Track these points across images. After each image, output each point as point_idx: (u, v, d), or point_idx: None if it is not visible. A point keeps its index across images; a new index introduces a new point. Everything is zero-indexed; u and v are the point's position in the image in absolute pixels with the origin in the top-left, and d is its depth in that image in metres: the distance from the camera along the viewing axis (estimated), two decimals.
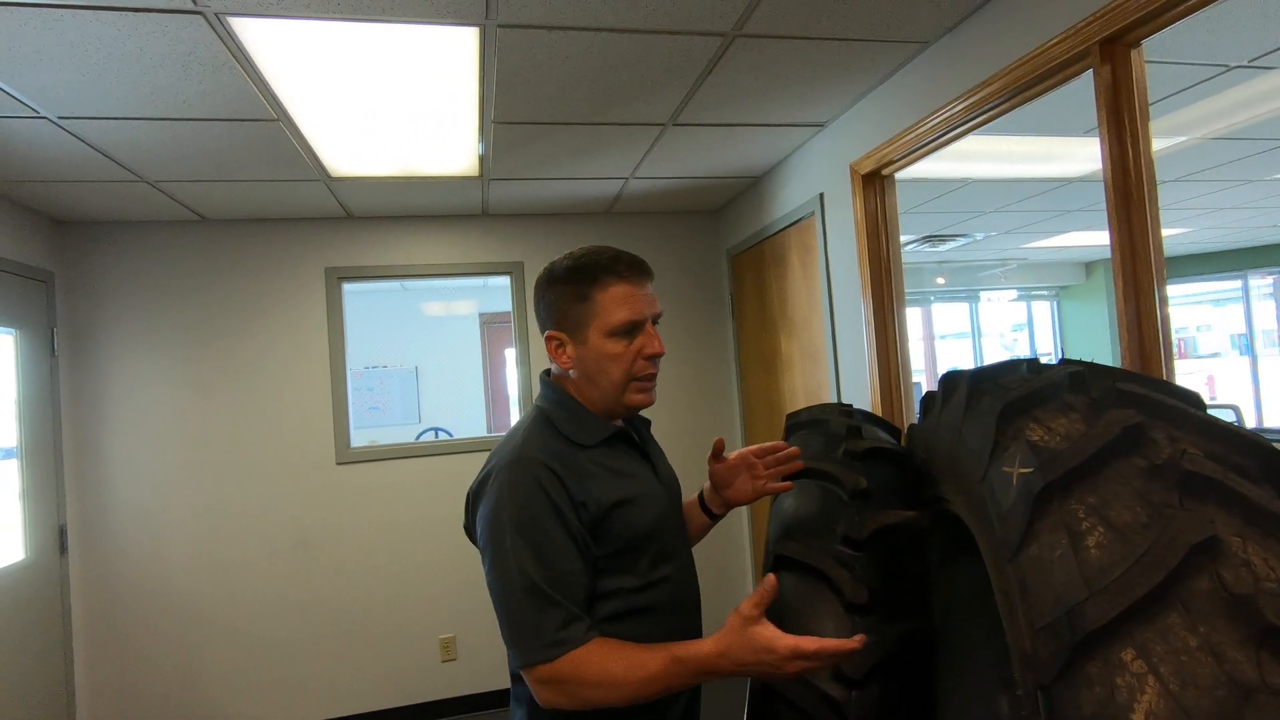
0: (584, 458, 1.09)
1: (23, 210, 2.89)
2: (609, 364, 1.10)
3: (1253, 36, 2.00)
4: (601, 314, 1.09)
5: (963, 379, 1.08)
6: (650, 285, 1.13)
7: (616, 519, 1.07)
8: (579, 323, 1.10)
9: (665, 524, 1.16)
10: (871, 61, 2.12)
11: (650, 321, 1.12)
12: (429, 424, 5.98)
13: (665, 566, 1.12)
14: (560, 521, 1.02)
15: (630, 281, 1.10)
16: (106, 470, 3.15)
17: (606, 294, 1.09)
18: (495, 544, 1.02)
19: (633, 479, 1.13)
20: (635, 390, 1.12)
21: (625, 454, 1.16)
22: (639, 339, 1.10)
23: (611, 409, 1.14)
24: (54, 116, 2.08)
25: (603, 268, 1.09)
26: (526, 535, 1.01)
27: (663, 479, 1.21)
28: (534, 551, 1.00)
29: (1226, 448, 0.74)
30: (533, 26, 1.77)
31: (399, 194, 3.12)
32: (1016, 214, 4.46)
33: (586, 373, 1.12)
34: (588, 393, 1.14)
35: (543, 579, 0.99)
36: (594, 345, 1.10)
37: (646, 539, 1.10)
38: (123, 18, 1.59)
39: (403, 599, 3.40)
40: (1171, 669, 0.58)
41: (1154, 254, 1.46)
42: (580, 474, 1.06)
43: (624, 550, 1.08)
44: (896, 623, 1.02)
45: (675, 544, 1.18)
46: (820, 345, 2.85)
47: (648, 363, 1.11)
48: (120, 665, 3.12)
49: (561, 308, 1.12)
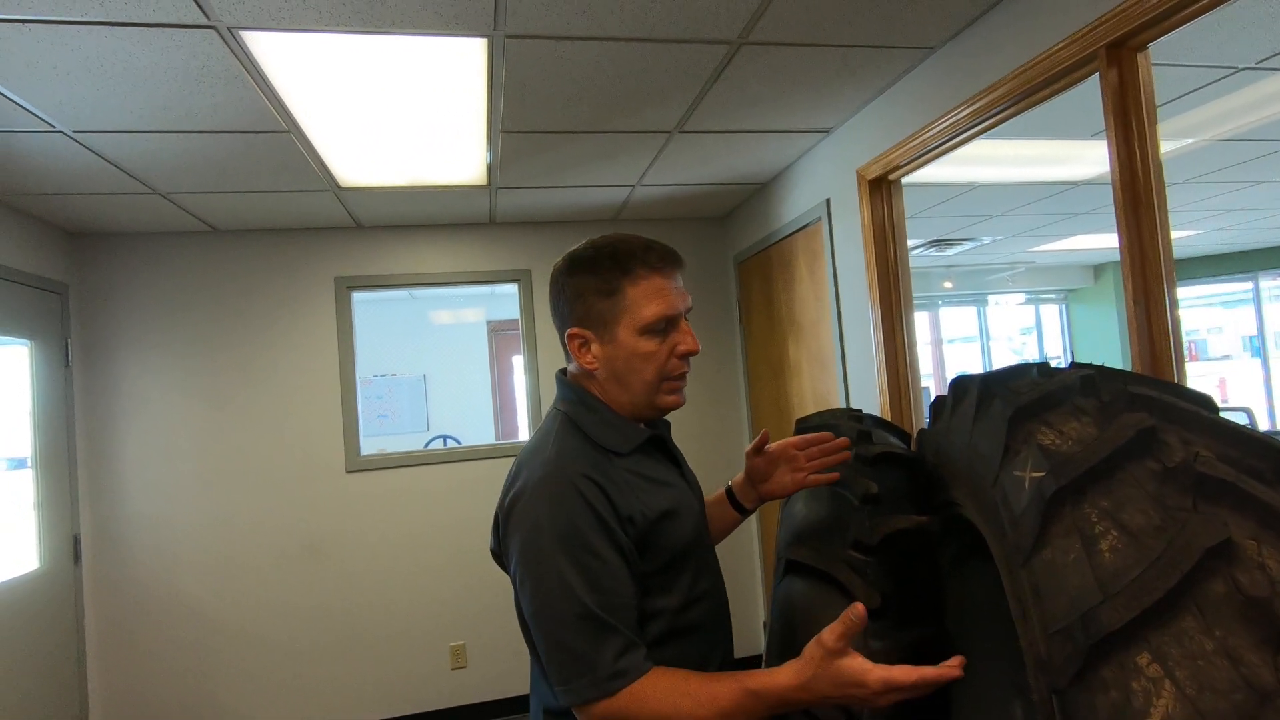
0: (620, 466, 0.99)
1: (37, 223, 2.93)
2: (641, 364, 1.00)
3: (1261, 38, 2.00)
4: (633, 309, 0.99)
5: (973, 383, 1.08)
6: (681, 276, 1.05)
7: (662, 533, 0.98)
8: (606, 319, 1.00)
9: (702, 535, 1.10)
10: (877, 68, 2.13)
11: (683, 316, 1.03)
12: (437, 431, 6.00)
13: (705, 581, 1.05)
14: (609, 538, 0.92)
15: (663, 273, 1.01)
16: (119, 480, 3.18)
17: (638, 287, 0.99)
18: (537, 567, 0.91)
19: (671, 488, 1.05)
20: (667, 391, 1.03)
21: (659, 461, 1.07)
22: (673, 336, 1.01)
23: (640, 412, 1.05)
24: (69, 130, 2.11)
25: (634, 257, 1.00)
26: (574, 555, 0.90)
27: (690, 481, 1.15)
28: (584, 573, 0.89)
29: (1240, 450, 0.74)
30: (540, 37, 1.79)
31: (407, 203, 3.15)
32: (1024, 217, 4.45)
33: (615, 373, 1.02)
34: (614, 394, 1.04)
35: (595, 603, 0.88)
36: (624, 343, 1.00)
37: (687, 553, 1.03)
38: (137, 33, 1.62)
39: (413, 606, 3.41)
40: (1188, 673, 0.58)
41: (1163, 257, 1.46)
42: (621, 485, 0.96)
43: (668, 566, 0.99)
44: (909, 628, 1.02)
45: (711, 555, 1.11)
46: (829, 350, 2.85)
47: (681, 361, 1.03)
48: (133, 673, 3.13)
49: (586, 302, 1.01)
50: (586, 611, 0.88)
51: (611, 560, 0.92)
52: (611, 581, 0.91)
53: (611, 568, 0.91)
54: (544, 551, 0.91)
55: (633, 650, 0.89)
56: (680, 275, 1.05)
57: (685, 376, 1.06)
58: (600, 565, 0.90)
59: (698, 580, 1.04)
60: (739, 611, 3.70)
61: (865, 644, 0.99)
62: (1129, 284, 1.49)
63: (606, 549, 0.91)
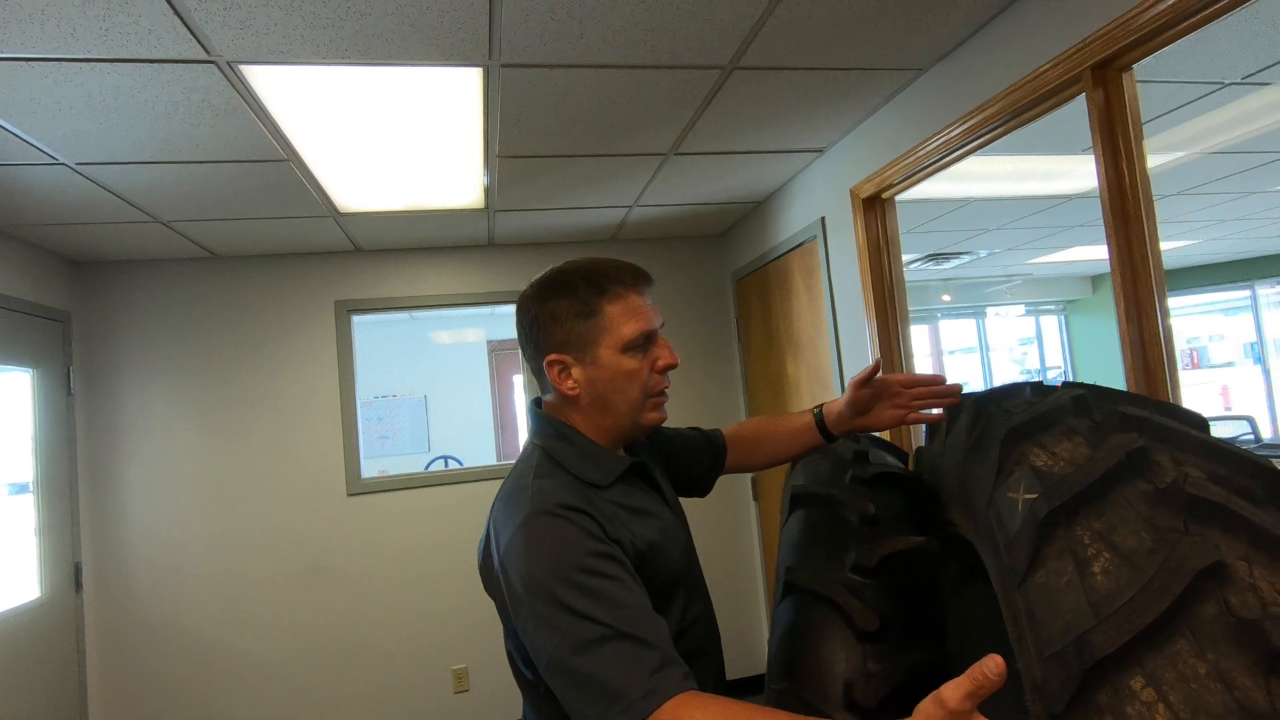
0: (603, 499, 0.97)
1: (40, 253, 2.96)
2: (625, 382, 1.00)
3: (1245, 54, 2.03)
4: (613, 328, 0.98)
5: (967, 403, 1.08)
6: (651, 293, 1.05)
7: (650, 564, 0.96)
8: (586, 341, 0.99)
9: (689, 560, 1.09)
10: (868, 89, 2.16)
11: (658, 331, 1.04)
12: (439, 452, 5.99)
13: (695, 607, 1.05)
14: (613, 558, 0.87)
15: (637, 290, 1.01)
16: (122, 507, 3.18)
17: (617, 306, 0.99)
18: (543, 608, 0.83)
19: (654, 517, 1.03)
20: (651, 408, 1.03)
21: (641, 490, 1.06)
22: (653, 351, 1.02)
23: (624, 434, 1.05)
24: (72, 163, 2.14)
25: (608, 277, 1.00)
26: (581, 584, 0.83)
27: (674, 508, 1.13)
28: (597, 597, 0.83)
29: (1231, 470, 0.75)
30: (535, 66, 1.82)
31: (406, 227, 3.17)
32: (1019, 231, 4.48)
33: (598, 396, 1.00)
34: (596, 420, 1.02)
35: (617, 620, 0.81)
36: (607, 364, 0.99)
37: (677, 581, 1.02)
38: (139, 69, 1.65)
39: (415, 630, 3.39)
40: (1181, 697, 0.59)
41: (1154, 271, 1.47)
42: (607, 518, 0.94)
43: (658, 596, 0.94)
44: (909, 650, 1.02)
45: (698, 580, 1.10)
46: (826, 367, 2.86)
47: (662, 376, 1.03)
48: (134, 700, 3.11)
49: (564, 326, 0.99)
50: (612, 632, 0.80)
51: (623, 577, 0.86)
52: (629, 596, 0.84)
53: (626, 584, 0.86)
54: (547, 591, 0.84)
55: (672, 665, 0.80)
56: (650, 292, 1.04)
57: (666, 392, 1.05)
58: (614, 584, 0.85)
59: (689, 608, 1.03)
60: (742, 631, 3.69)
61: (863, 666, 0.99)
62: (1120, 298, 1.51)
63: (614, 568, 0.86)
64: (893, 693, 0.97)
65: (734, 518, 3.76)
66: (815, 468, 1.31)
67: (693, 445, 1.30)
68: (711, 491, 1.35)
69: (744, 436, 1.33)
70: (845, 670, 0.99)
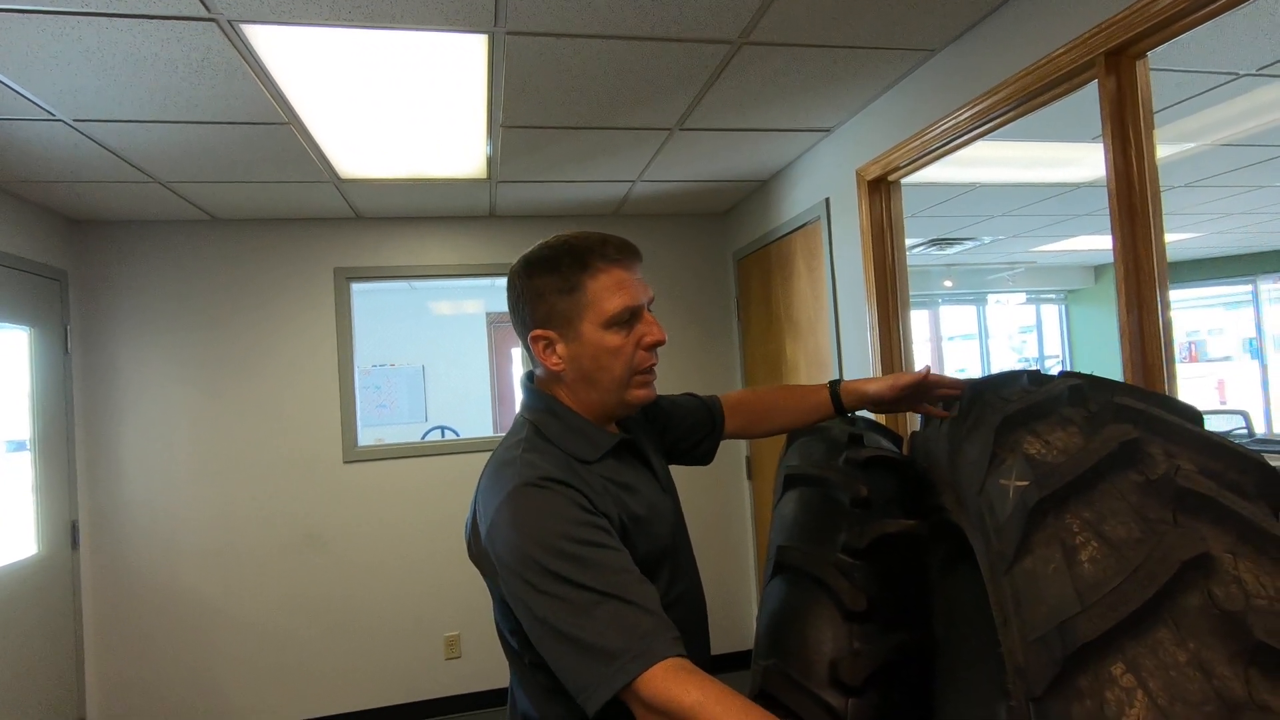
0: (591, 473, 0.98)
1: (37, 210, 2.93)
2: (609, 359, 0.98)
3: (1261, 45, 2.00)
4: (596, 303, 0.97)
5: (964, 389, 1.09)
6: (640, 269, 1.02)
7: (635, 538, 0.96)
8: (569, 316, 0.98)
9: (677, 536, 1.09)
10: (877, 69, 2.13)
11: (646, 308, 1.02)
12: (435, 422, 6.01)
13: (681, 583, 1.05)
14: (600, 527, 0.88)
15: (623, 265, 0.99)
16: (118, 466, 3.19)
17: (598, 281, 0.97)
18: (533, 579, 0.84)
19: (641, 493, 1.03)
20: (638, 385, 1.02)
21: (630, 465, 1.06)
22: (638, 328, 1.00)
23: (611, 410, 1.04)
24: (69, 119, 2.11)
25: (591, 252, 0.98)
26: (569, 552, 0.84)
27: (664, 484, 1.12)
28: (585, 564, 0.83)
29: (1223, 464, 0.75)
30: (542, 34, 1.79)
31: (407, 195, 3.15)
32: (1024, 218, 4.45)
33: (583, 372, 1.00)
34: (583, 395, 1.02)
35: (606, 584, 0.82)
36: (590, 340, 0.98)
37: (661, 557, 1.02)
38: (139, 25, 1.62)
39: (408, 597, 3.43)
40: (1160, 684, 0.60)
41: (1157, 263, 1.47)
42: (595, 492, 0.94)
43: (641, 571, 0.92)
44: (895, 631, 1.04)
45: (686, 557, 1.11)
46: (825, 349, 2.86)
47: (649, 353, 1.01)
48: (130, 659, 3.16)
49: (547, 302, 0.98)
50: (601, 597, 0.81)
51: (611, 544, 0.87)
52: (618, 561, 0.86)
53: (614, 552, 0.87)
54: (535, 561, 0.84)
55: (663, 629, 0.81)
56: (639, 267, 1.02)
57: (654, 369, 1.04)
58: (601, 551, 0.85)
59: (674, 583, 1.04)
60: (732, 607, 3.74)
61: (849, 645, 1.00)
62: (1121, 289, 1.50)
63: (602, 535, 0.87)
64: (879, 671, 0.99)
65: (727, 496, 3.79)
66: (810, 449, 1.32)
67: (690, 413, 1.29)
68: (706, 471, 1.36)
69: (751, 406, 1.33)
70: (831, 649, 1.01)
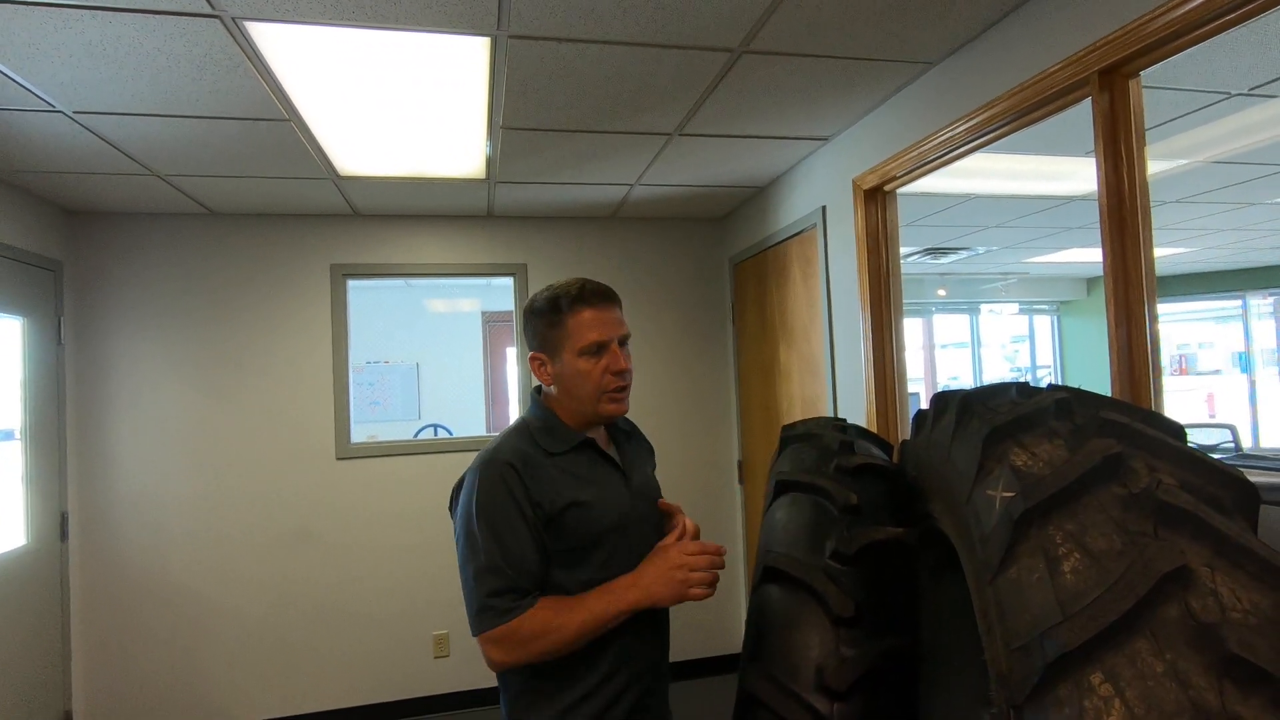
0: (550, 463, 1.24)
1: (34, 200, 2.93)
2: (581, 380, 1.25)
3: (1253, 65, 2.03)
4: (573, 336, 1.25)
5: (954, 400, 1.10)
6: (618, 310, 1.29)
7: (570, 519, 1.20)
8: (555, 345, 1.27)
9: (626, 529, 1.26)
10: (876, 80, 2.15)
11: (616, 342, 1.26)
12: (429, 420, 6.00)
13: (618, 567, 1.23)
14: (519, 512, 1.17)
15: (596, 308, 1.26)
16: (109, 458, 3.18)
17: (576, 319, 1.25)
18: (465, 529, 1.19)
19: (592, 484, 1.26)
20: (607, 401, 1.27)
21: (592, 461, 1.29)
22: (605, 357, 1.25)
23: (590, 418, 1.29)
24: (69, 111, 2.11)
25: (573, 297, 1.26)
26: (489, 522, 1.16)
27: (634, 487, 1.32)
28: (495, 536, 1.16)
29: (1203, 479, 0.77)
30: (544, 38, 1.80)
31: (406, 194, 3.15)
32: (1018, 229, 4.49)
33: (564, 387, 1.28)
34: (568, 405, 1.29)
35: (501, 558, 1.15)
36: (568, 364, 1.26)
37: (599, 540, 1.23)
38: (142, 19, 1.62)
39: (397, 595, 3.43)
40: (1137, 693, 0.61)
41: (1145, 279, 1.49)
42: (541, 476, 1.21)
43: (577, 548, 1.21)
44: (882, 637, 1.05)
45: (634, 546, 1.26)
46: (819, 356, 2.88)
47: (615, 377, 1.26)
48: (117, 653, 3.15)
49: (541, 333, 1.28)
50: (494, 565, 1.14)
51: (519, 530, 1.17)
52: (516, 544, 1.16)
53: (518, 536, 1.16)
54: (471, 518, 1.18)
55: (527, 595, 1.15)
56: (616, 309, 1.29)
57: (623, 389, 1.29)
58: (509, 531, 1.16)
59: (609, 565, 1.23)
60: (722, 611, 3.74)
61: (836, 651, 1.01)
62: (1111, 304, 1.52)
63: (516, 520, 1.17)
64: (864, 677, 1.00)
65: (719, 500, 3.81)
66: (801, 455, 1.33)
67: None
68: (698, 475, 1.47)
69: None
70: (819, 654, 1.02)
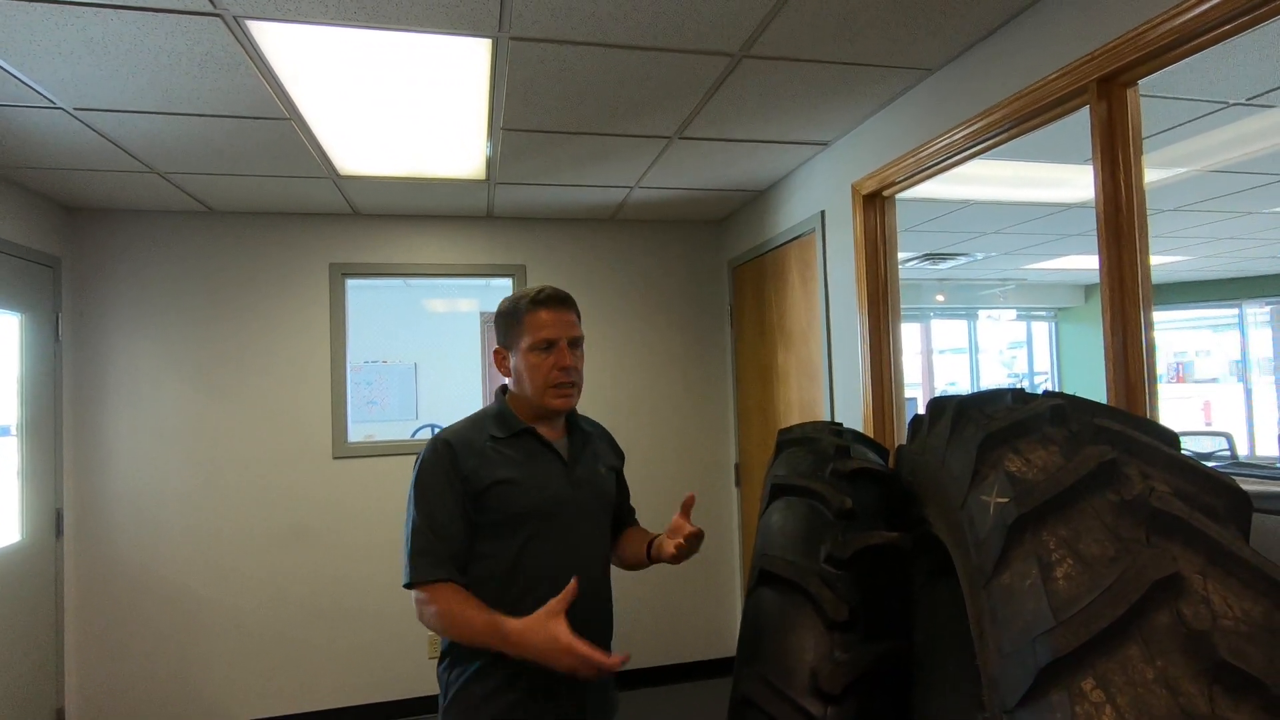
0: (490, 445, 1.38)
1: (33, 196, 2.92)
2: (531, 373, 1.40)
3: (1251, 75, 2.04)
4: (528, 334, 1.40)
5: (949, 405, 1.11)
6: (573, 315, 1.43)
7: (495, 495, 1.34)
8: (514, 341, 1.43)
9: (555, 512, 1.38)
10: (876, 86, 2.16)
11: (566, 341, 1.40)
12: (426, 420, 6.00)
13: (541, 546, 1.36)
14: (449, 485, 1.33)
15: (552, 310, 1.40)
16: (106, 455, 3.18)
17: (533, 318, 1.40)
18: (410, 495, 1.36)
19: (523, 466, 1.38)
20: (554, 395, 1.41)
21: (530, 447, 1.42)
22: (554, 354, 1.39)
23: (539, 409, 1.43)
24: (69, 108, 2.11)
25: (531, 299, 1.41)
26: (424, 491, 1.33)
27: (576, 477, 1.43)
28: (427, 504, 1.32)
29: (1197, 487, 0.77)
30: (545, 40, 1.80)
31: (405, 194, 3.15)
32: (1016, 236, 4.50)
33: (518, 380, 1.44)
34: (520, 398, 1.45)
35: (428, 525, 1.30)
36: (522, 358, 1.41)
37: (522, 520, 1.35)
38: (143, 17, 1.63)
39: (393, 595, 3.42)
40: (1128, 699, 0.61)
41: (1142, 287, 1.49)
42: (477, 455, 1.36)
43: (500, 523, 1.35)
44: (876, 641, 1.05)
45: (562, 529, 1.38)
46: (816, 360, 2.88)
47: (561, 373, 1.40)
48: (111, 650, 3.14)
49: (503, 330, 1.46)
50: (424, 529, 1.30)
51: (448, 500, 1.32)
52: (443, 514, 1.32)
53: (446, 505, 1.32)
54: (414, 484, 1.35)
55: (444, 565, 1.29)
56: (570, 313, 1.43)
57: (570, 385, 1.41)
58: (439, 501, 1.32)
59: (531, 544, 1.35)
60: (716, 615, 3.74)
61: (830, 654, 1.02)
62: (1107, 309, 1.53)
63: (446, 491, 1.33)
64: (858, 680, 1.00)
65: (715, 503, 3.81)
66: (797, 460, 1.34)
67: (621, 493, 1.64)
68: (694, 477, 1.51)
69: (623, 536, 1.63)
70: (813, 657, 1.02)
